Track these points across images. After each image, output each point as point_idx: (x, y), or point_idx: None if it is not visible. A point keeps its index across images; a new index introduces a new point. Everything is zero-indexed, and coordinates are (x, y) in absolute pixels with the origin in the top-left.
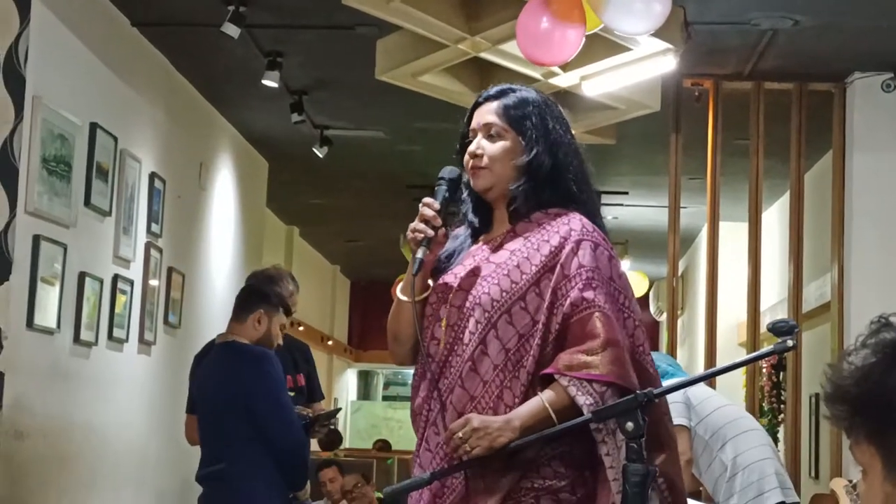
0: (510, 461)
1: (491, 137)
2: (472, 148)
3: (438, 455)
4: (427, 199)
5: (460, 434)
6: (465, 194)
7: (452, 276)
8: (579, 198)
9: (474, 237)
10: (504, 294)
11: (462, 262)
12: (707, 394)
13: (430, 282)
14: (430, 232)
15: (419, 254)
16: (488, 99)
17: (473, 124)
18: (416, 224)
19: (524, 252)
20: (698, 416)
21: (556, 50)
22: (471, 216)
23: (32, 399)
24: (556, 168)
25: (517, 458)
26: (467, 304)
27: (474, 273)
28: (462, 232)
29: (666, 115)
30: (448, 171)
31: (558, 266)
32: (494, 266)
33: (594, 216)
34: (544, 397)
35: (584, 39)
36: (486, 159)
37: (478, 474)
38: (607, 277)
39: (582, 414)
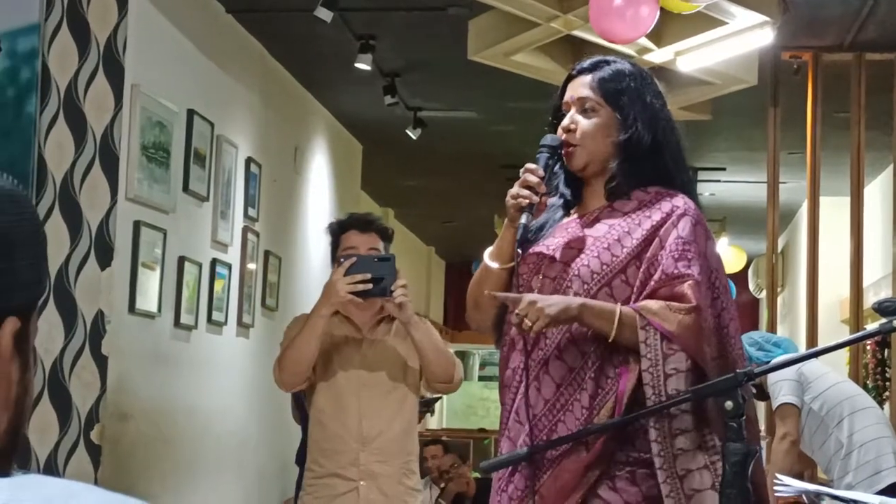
0: (608, 435)
1: (585, 112)
2: (565, 123)
3: (536, 427)
4: (530, 166)
5: (518, 311)
6: (557, 166)
7: (545, 248)
8: (678, 176)
9: (565, 210)
10: (604, 267)
11: (553, 234)
12: (823, 370)
13: (519, 251)
14: (535, 198)
15: (523, 219)
16: (582, 72)
17: (566, 98)
18: (520, 190)
19: (625, 227)
20: (814, 391)
21: (630, 26)
22: (563, 188)
23: (135, 382)
24: (656, 145)
25: (614, 431)
26: (565, 276)
27: (570, 246)
28: (553, 203)
29: (763, 89)
30: (551, 139)
31: (657, 238)
32: (593, 239)
33: (692, 195)
34: (622, 309)
35: (657, 15)
36: (578, 135)
37: (576, 447)
38: (703, 253)
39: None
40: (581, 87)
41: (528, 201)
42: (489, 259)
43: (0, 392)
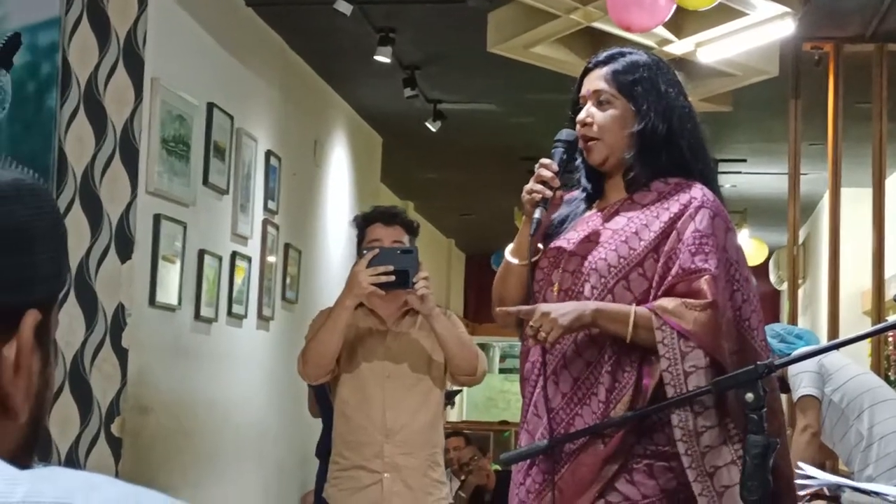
0: (626, 428)
1: (601, 105)
2: (581, 116)
3: (553, 421)
4: (544, 161)
5: (532, 323)
6: (578, 160)
7: (565, 241)
8: (696, 165)
9: (588, 203)
10: (622, 260)
11: (575, 227)
12: (844, 361)
13: (541, 245)
14: (548, 192)
15: (536, 214)
16: (597, 65)
17: (583, 91)
18: (533, 185)
19: (643, 219)
20: (835, 383)
21: (648, 14)
22: (584, 182)
23: (156, 375)
24: (671, 134)
25: (634, 423)
26: (583, 270)
27: (589, 239)
28: (576, 197)
29: (784, 81)
30: (566, 134)
31: (674, 231)
32: (611, 232)
33: (712, 184)
34: (636, 310)
35: (675, 5)
36: (595, 128)
37: (593, 441)
38: (721, 246)
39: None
40: (596, 80)
41: (541, 196)
42: (510, 255)
43: (21, 384)
